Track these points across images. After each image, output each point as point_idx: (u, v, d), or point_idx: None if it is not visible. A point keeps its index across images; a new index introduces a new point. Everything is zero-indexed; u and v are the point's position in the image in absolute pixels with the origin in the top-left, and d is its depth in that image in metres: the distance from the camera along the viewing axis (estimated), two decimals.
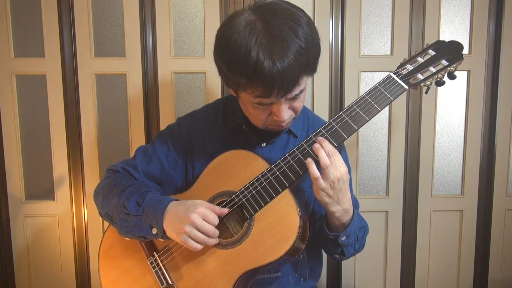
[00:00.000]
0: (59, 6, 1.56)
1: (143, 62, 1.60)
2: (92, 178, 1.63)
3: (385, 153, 1.66)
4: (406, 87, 0.98)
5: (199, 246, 0.94)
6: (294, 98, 0.95)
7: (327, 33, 1.59)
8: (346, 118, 0.96)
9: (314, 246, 1.19)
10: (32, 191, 1.66)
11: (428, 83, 0.98)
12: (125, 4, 1.57)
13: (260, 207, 0.97)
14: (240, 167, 1.02)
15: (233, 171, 1.03)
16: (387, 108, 1.63)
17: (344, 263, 1.71)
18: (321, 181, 0.93)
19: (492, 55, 1.61)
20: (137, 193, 1.02)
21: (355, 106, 0.97)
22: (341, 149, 1.19)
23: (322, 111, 1.61)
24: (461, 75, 1.62)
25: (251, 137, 1.10)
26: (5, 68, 1.58)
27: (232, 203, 1.00)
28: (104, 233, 1.13)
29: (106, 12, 1.58)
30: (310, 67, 0.93)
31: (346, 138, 0.96)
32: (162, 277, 1.02)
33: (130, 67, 1.59)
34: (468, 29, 1.60)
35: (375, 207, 1.67)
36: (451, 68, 0.98)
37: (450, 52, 1.00)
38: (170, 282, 1.01)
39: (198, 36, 1.60)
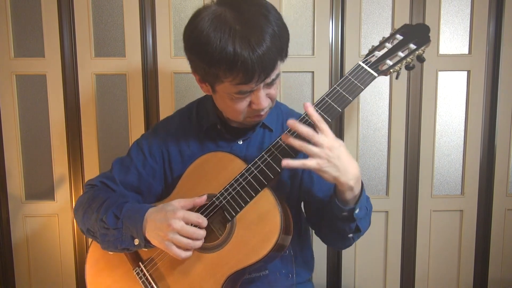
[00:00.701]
0: (59, 6, 1.53)
1: (143, 62, 1.57)
2: None
3: (385, 153, 1.64)
4: (376, 74, 0.96)
5: (183, 253, 0.91)
6: (271, 83, 0.95)
7: (327, 33, 1.56)
8: (319, 111, 0.94)
9: (306, 239, 1.20)
10: (32, 191, 1.64)
11: (397, 68, 0.97)
12: (125, 4, 1.54)
13: (241, 207, 0.95)
14: (218, 169, 1.00)
15: (211, 174, 1.00)
16: (387, 107, 1.62)
17: (344, 263, 1.68)
18: (311, 162, 0.88)
19: (492, 55, 1.58)
20: (114, 205, 0.99)
21: (326, 98, 0.95)
22: None
23: None
24: (461, 75, 1.60)
25: (226, 136, 1.09)
26: (5, 68, 1.56)
27: (213, 206, 0.97)
28: (88, 248, 1.11)
29: (106, 12, 1.56)
30: (284, 51, 0.93)
31: None
32: (149, 286, 1.00)
33: (130, 67, 1.57)
34: (468, 29, 1.57)
35: (375, 207, 1.61)
36: (419, 52, 0.97)
37: (417, 35, 0.98)
38: None
39: None
